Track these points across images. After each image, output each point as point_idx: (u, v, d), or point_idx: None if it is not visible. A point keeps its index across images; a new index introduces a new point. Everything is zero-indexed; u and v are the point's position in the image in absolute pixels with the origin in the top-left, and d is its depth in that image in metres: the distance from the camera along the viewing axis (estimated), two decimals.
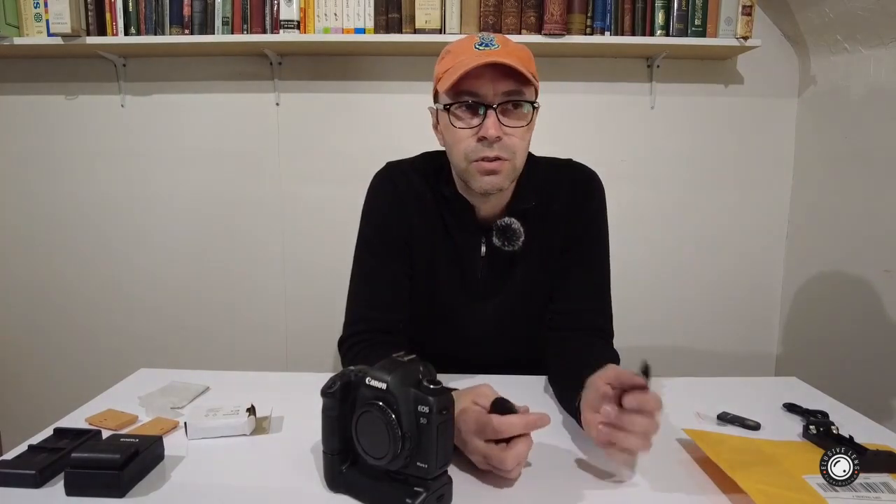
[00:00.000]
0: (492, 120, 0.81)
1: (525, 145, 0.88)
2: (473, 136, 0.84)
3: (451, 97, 0.84)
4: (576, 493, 0.64)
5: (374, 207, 0.99)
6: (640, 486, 0.66)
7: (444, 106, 0.85)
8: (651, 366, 0.65)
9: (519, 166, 0.88)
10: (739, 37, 1.64)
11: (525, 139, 0.87)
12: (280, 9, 1.65)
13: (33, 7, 1.64)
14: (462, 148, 0.85)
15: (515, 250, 0.92)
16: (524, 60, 0.83)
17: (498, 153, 0.83)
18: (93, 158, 1.89)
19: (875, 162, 1.53)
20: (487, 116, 0.82)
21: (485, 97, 0.82)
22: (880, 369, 1.49)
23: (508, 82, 0.81)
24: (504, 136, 0.83)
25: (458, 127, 0.85)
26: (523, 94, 0.83)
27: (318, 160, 1.89)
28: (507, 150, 0.84)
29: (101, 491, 0.61)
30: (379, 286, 0.96)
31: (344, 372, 0.63)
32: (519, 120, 0.84)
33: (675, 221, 1.91)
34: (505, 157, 0.84)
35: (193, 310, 1.96)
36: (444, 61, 0.87)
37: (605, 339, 0.95)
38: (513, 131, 0.84)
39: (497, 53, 0.81)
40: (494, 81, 0.81)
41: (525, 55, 0.85)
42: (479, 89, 0.82)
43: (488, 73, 0.81)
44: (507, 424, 0.62)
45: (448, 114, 0.85)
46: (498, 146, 0.83)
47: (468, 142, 0.84)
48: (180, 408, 0.84)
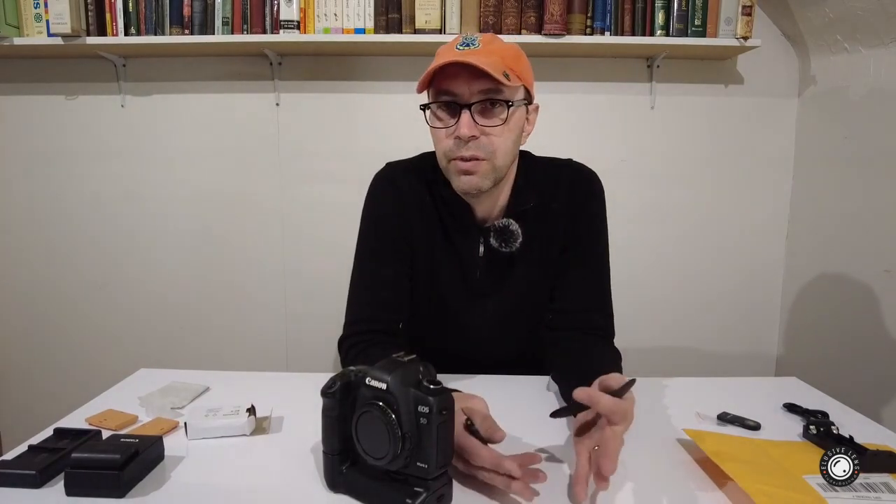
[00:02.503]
0: (465, 119, 0.82)
1: (507, 144, 0.87)
2: (451, 135, 0.84)
3: (430, 96, 0.85)
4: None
5: (374, 207, 0.99)
6: (641, 486, 0.65)
7: (421, 106, 0.87)
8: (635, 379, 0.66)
9: (500, 166, 0.87)
10: (739, 37, 1.64)
11: (506, 138, 0.86)
12: (280, 9, 1.65)
13: (33, 7, 1.64)
14: (441, 147, 0.87)
15: (513, 251, 0.92)
16: (505, 59, 0.82)
17: (474, 153, 0.83)
18: (93, 158, 1.89)
19: (875, 162, 1.53)
20: (462, 115, 0.82)
21: (461, 97, 0.82)
22: (880, 369, 1.49)
23: (484, 81, 0.81)
24: (481, 136, 0.83)
25: (436, 126, 0.86)
26: (501, 92, 0.82)
27: (318, 160, 1.89)
28: (483, 149, 0.84)
29: (101, 491, 0.61)
30: (379, 286, 0.96)
31: (344, 372, 0.63)
32: (495, 119, 0.84)
33: (675, 221, 1.91)
34: (482, 157, 0.84)
35: (193, 310, 1.96)
36: (433, 62, 0.87)
37: (605, 339, 0.95)
38: (490, 130, 0.84)
39: (475, 53, 0.80)
40: (470, 81, 0.81)
41: (509, 53, 0.84)
42: (456, 88, 0.82)
43: (464, 73, 0.81)
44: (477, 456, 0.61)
45: (428, 113, 0.86)
46: (473, 145, 0.83)
47: (446, 141, 0.85)
48: (180, 408, 0.84)
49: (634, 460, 0.71)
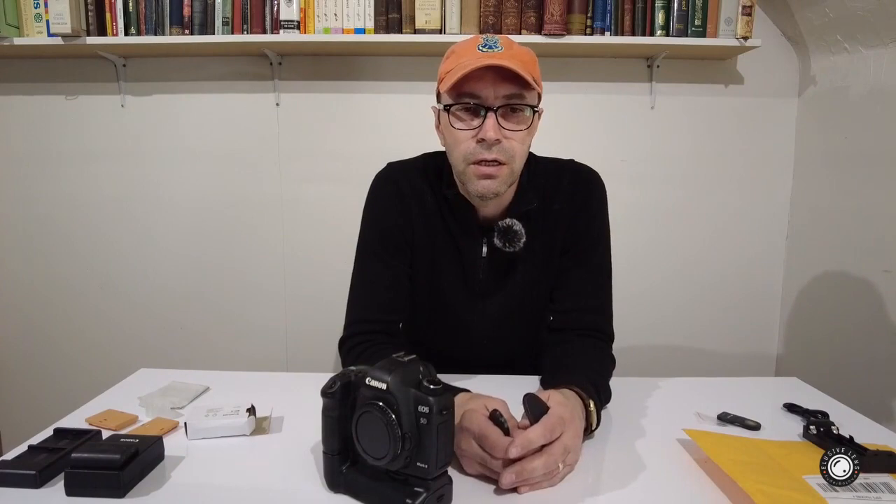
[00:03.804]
0: (491, 122, 0.81)
1: (525, 149, 0.87)
2: (473, 137, 0.83)
3: (452, 98, 0.84)
4: (575, 492, 0.64)
5: (375, 207, 0.99)
6: (641, 486, 0.65)
7: (445, 106, 0.85)
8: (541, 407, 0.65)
9: (517, 170, 0.88)
10: (739, 37, 1.64)
11: (525, 143, 0.86)
12: (280, 9, 1.65)
13: (33, 7, 1.64)
14: (461, 149, 0.85)
15: (517, 251, 0.92)
16: (527, 64, 0.82)
17: (496, 156, 0.83)
18: (93, 158, 1.89)
19: (875, 162, 1.53)
20: (487, 118, 0.81)
21: (485, 99, 0.82)
22: (880, 369, 1.49)
23: (509, 85, 0.81)
24: (503, 140, 0.83)
25: (457, 128, 0.84)
26: (524, 97, 0.83)
27: (318, 160, 1.89)
28: (505, 153, 0.84)
29: (101, 491, 0.61)
30: (380, 287, 0.96)
31: (344, 372, 0.63)
32: (519, 123, 0.84)
33: (675, 221, 1.91)
34: (503, 161, 0.84)
35: (193, 310, 1.96)
36: (447, 61, 0.87)
37: (603, 341, 0.95)
38: (512, 135, 0.83)
39: (500, 56, 0.80)
40: (496, 84, 0.81)
41: (528, 58, 0.84)
42: (481, 91, 0.81)
43: (490, 76, 0.80)
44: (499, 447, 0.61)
45: (449, 114, 0.85)
46: (497, 149, 0.83)
47: (467, 143, 0.84)
48: (180, 408, 0.84)
49: (634, 460, 0.71)
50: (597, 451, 0.73)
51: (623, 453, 0.73)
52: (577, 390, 0.75)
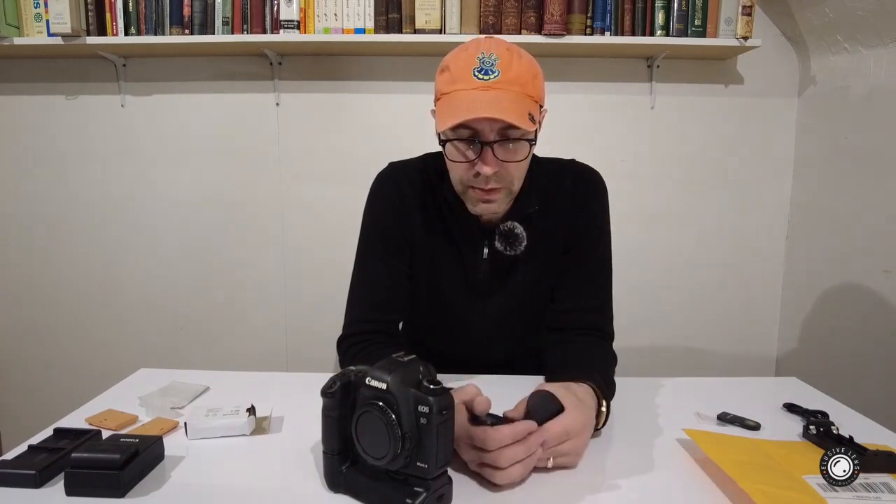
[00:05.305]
0: (488, 157, 0.81)
1: (523, 168, 0.87)
2: (470, 168, 0.83)
3: (449, 130, 0.82)
4: (575, 492, 0.64)
5: (376, 207, 0.99)
6: (640, 486, 0.65)
7: (440, 140, 0.84)
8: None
9: (516, 189, 0.89)
10: (739, 37, 1.64)
11: (523, 167, 0.86)
12: (280, 9, 1.65)
13: (33, 7, 1.64)
14: (458, 174, 0.86)
15: (517, 254, 0.92)
16: (525, 87, 0.80)
17: (493, 185, 0.84)
18: (93, 158, 1.89)
19: (875, 162, 1.53)
20: (484, 153, 0.81)
21: (482, 133, 0.80)
22: (880, 369, 1.49)
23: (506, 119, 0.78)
24: (500, 169, 0.82)
25: (454, 160, 0.84)
26: (521, 130, 0.80)
27: (318, 160, 1.89)
28: (502, 180, 0.84)
29: (101, 491, 0.61)
30: (379, 287, 0.96)
31: (344, 372, 0.63)
32: (517, 154, 0.83)
33: (675, 221, 1.91)
34: (500, 187, 0.84)
35: (193, 310, 1.96)
36: (442, 77, 0.84)
37: (604, 339, 0.95)
38: (509, 165, 0.83)
39: (497, 84, 0.78)
40: (492, 119, 0.78)
41: (528, 77, 0.82)
42: (476, 125, 0.80)
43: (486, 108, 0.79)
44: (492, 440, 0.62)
45: (445, 144, 0.84)
46: (493, 178, 0.83)
47: (466, 172, 0.84)
48: (180, 408, 0.84)
49: (634, 460, 0.71)
50: (597, 450, 0.73)
51: (623, 453, 0.73)
52: (594, 387, 0.76)
